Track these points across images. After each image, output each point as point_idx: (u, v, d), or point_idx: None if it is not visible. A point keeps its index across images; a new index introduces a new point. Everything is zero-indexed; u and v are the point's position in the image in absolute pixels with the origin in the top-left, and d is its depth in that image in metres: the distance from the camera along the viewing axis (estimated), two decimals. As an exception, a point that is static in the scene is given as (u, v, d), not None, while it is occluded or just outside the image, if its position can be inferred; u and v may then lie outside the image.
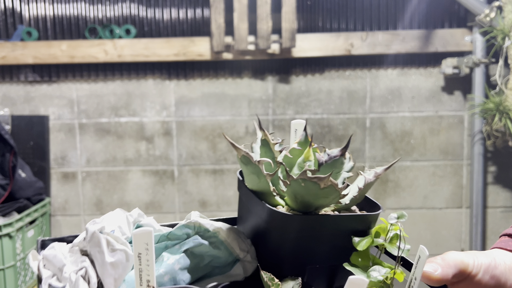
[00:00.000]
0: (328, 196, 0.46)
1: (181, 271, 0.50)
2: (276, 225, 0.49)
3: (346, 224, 0.48)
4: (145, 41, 2.06)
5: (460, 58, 2.06)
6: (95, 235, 0.48)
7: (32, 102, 2.15)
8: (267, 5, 2.01)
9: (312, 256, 0.49)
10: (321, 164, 0.47)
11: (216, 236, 0.53)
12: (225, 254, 0.52)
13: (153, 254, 0.43)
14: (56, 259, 0.49)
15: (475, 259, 0.49)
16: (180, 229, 0.53)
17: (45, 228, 2.08)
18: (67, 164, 2.18)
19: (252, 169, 0.50)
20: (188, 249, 0.51)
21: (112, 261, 0.46)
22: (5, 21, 2.12)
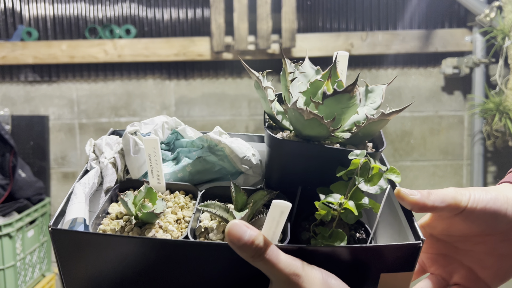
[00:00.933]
0: (313, 127, 0.49)
1: (191, 172, 0.61)
2: (272, 146, 0.54)
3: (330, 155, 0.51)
4: (145, 41, 2.07)
5: (460, 58, 2.06)
6: (126, 136, 0.60)
7: (32, 102, 2.15)
8: (267, 5, 2.01)
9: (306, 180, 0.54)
10: (325, 97, 0.50)
11: (222, 150, 0.61)
12: (229, 166, 0.61)
13: (159, 156, 0.55)
14: (100, 147, 0.62)
15: (472, 195, 0.50)
16: (199, 139, 0.64)
17: (45, 228, 2.08)
18: (67, 164, 2.18)
19: (261, 93, 0.57)
20: (201, 157, 0.61)
21: (135, 156, 0.60)
22: (5, 21, 2.12)
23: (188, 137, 0.67)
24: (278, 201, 0.42)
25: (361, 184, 0.47)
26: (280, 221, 0.43)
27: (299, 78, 0.59)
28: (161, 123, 0.65)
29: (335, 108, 0.50)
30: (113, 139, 0.64)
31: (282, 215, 0.42)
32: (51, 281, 2.08)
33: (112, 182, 0.58)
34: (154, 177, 0.57)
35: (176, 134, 0.68)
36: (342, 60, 0.61)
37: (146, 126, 0.64)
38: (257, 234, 0.42)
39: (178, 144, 0.67)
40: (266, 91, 0.56)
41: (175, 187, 0.59)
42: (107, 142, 0.63)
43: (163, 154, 0.65)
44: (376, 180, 0.47)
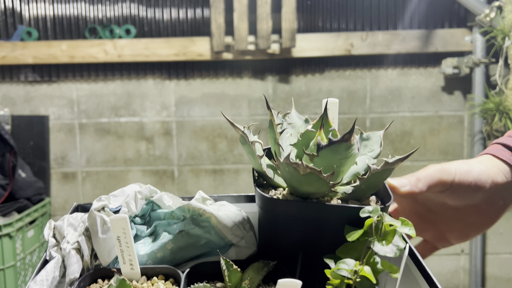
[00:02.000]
0: (311, 183, 0.44)
1: (173, 250, 0.52)
2: (265, 208, 0.49)
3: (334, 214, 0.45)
4: (145, 41, 2.06)
5: (460, 58, 2.06)
6: (92, 214, 0.52)
7: (32, 102, 2.15)
8: (267, 5, 2.01)
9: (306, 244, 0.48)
10: (320, 148, 0.44)
11: (208, 221, 0.53)
12: (216, 239, 0.53)
13: (130, 237, 0.47)
14: (61, 229, 0.54)
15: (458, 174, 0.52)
16: (179, 210, 0.55)
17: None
18: (67, 164, 2.18)
19: (247, 149, 0.50)
20: (184, 230, 0.53)
21: (104, 237, 0.51)
22: (5, 21, 2.12)
23: (166, 207, 0.58)
24: (285, 281, 0.35)
25: (377, 247, 0.41)
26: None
27: (287, 130, 0.53)
28: (133, 193, 0.57)
29: (332, 160, 0.45)
30: (77, 217, 0.56)
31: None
32: (51, 281, 2.07)
33: (76, 272, 0.49)
34: (126, 262, 0.48)
35: (151, 204, 0.59)
36: (332, 107, 0.55)
37: (116, 199, 0.56)
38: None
39: (154, 216, 0.58)
40: (254, 146, 0.49)
41: (152, 271, 0.50)
42: (69, 223, 0.54)
43: (138, 230, 0.56)
44: (390, 238, 0.42)
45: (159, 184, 2.19)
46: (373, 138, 0.53)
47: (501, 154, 0.55)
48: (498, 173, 0.54)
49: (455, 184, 0.53)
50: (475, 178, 0.53)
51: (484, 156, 0.57)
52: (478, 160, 0.56)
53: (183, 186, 2.19)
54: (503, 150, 0.56)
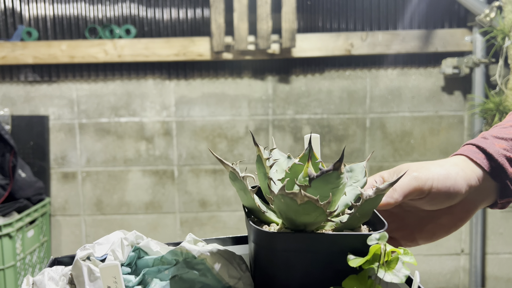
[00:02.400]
0: (309, 212, 0.44)
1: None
2: (262, 244, 0.48)
3: (336, 243, 0.45)
4: (145, 41, 2.07)
5: (460, 58, 2.06)
6: (77, 263, 0.48)
7: (32, 102, 2.15)
8: (267, 5, 2.01)
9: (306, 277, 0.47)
10: (312, 179, 0.44)
11: (204, 263, 0.51)
12: (213, 282, 0.51)
13: (122, 285, 0.43)
14: (41, 284, 0.50)
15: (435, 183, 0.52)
16: (170, 254, 0.53)
17: (45, 228, 2.08)
18: (67, 164, 2.18)
19: (239, 185, 0.49)
20: (177, 275, 0.50)
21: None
22: (5, 21, 2.12)
23: (154, 253, 0.55)
24: None
25: (385, 275, 0.41)
26: None
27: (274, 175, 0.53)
28: (118, 240, 0.54)
29: (324, 190, 0.45)
30: (57, 270, 0.52)
31: None
32: (51, 281, 2.07)
33: None
34: None
35: (138, 251, 0.55)
36: (315, 142, 0.55)
37: (101, 247, 0.53)
38: None
39: (141, 263, 0.55)
40: (246, 181, 0.48)
41: None
42: (50, 276, 0.51)
43: (125, 280, 0.52)
44: (393, 265, 0.42)
45: (159, 184, 2.19)
46: (357, 169, 0.53)
47: (475, 157, 0.55)
48: (473, 176, 0.53)
49: (432, 192, 0.52)
50: (453, 184, 0.52)
51: (459, 157, 0.56)
52: (454, 163, 0.55)
53: (183, 186, 2.19)
54: (477, 152, 0.55)
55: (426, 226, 0.57)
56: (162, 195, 2.20)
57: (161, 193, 2.20)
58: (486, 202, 0.56)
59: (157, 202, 2.20)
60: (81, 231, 2.21)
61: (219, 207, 2.20)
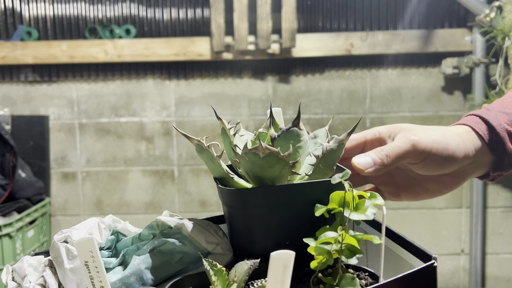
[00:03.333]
0: (272, 165, 0.45)
1: (147, 270, 0.50)
2: (234, 204, 0.49)
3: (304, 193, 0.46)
4: (145, 41, 2.07)
5: (460, 58, 2.06)
6: (54, 244, 0.49)
7: (32, 102, 2.15)
8: (267, 5, 2.01)
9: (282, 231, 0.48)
10: (274, 139, 0.47)
11: (180, 232, 0.52)
12: (191, 249, 0.51)
13: (100, 260, 0.42)
14: (20, 270, 0.50)
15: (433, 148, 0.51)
16: (146, 229, 0.53)
17: (45, 228, 2.08)
18: (67, 164, 2.18)
19: (206, 155, 0.50)
20: (155, 248, 0.51)
21: (71, 267, 0.48)
22: (5, 21, 2.12)
23: (132, 233, 0.56)
24: (277, 253, 0.33)
25: (352, 214, 0.42)
26: (285, 279, 0.34)
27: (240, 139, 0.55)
28: (95, 224, 0.54)
29: (287, 147, 0.47)
30: (37, 259, 0.53)
31: (286, 270, 0.34)
32: (51, 281, 2.07)
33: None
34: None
35: (116, 235, 0.56)
36: (277, 116, 0.58)
37: (78, 232, 0.52)
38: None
39: (121, 245, 0.55)
40: (212, 149, 0.50)
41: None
42: (29, 263, 0.52)
43: (106, 263, 0.53)
44: (361, 208, 0.43)
45: (159, 184, 2.19)
46: (320, 134, 0.55)
47: (478, 127, 0.54)
48: (471, 148, 0.53)
49: (427, 160, 0.51)
50: (450, 154, 0.51)
51: (462, 127, 0.55)
52: (457, 133, 0.54)
53: (183, 186, 2.19)
54: (480, 123, 0.54)
55: (413, 187, 0.58)
56: (162, 195, 2.20)
57: (161, 193, 2.20)
58: (477, 173, 0.56)
59: (157, 202, 2.20)
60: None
61: (219, 207, 2.20)
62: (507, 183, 2.16)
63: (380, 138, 0.56)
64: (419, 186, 0.58)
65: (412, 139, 0.51)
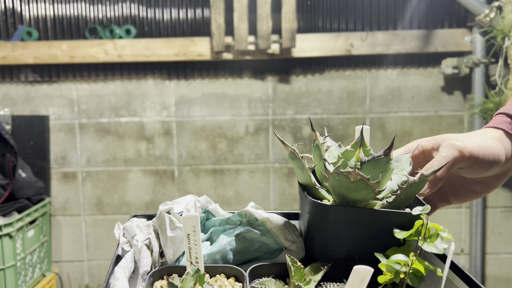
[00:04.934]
0: (359, 190, 0.48)
1: (231, 251, 0.57)
2: (315, 214, 0.53)
3: (382, 219, 0.50)
4: (145, 41, 2.07)
5: (460, 58, 2.06)
6: (161, 214, 0.58)
7: (32, 102, 2.15)
8: (267, 5, 2.01)
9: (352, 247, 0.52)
10: (364, 163, 0.50)
11: (264, 225, 0.58)
12: (271, 242, 0.58)
13: (199, 235, 0.51)
14: (131, 229, 0.60)
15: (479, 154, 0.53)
16: (235, 216, 0.61)
17: (45, 228, 2.08)
18: (67, 164, 2.18)
19: (297, 163, 0.55)
20: (240, 234, 0.58)
21: (172, 235, 0.56)
22: (5, 21, 2.12)
23: (220, 216, 0.65)
24: (359, 267, 0.39)
25: (425, 245, 0.46)
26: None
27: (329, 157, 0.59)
28: (192, 201, 0.63)
29: (373, 173, 0.50)
30: (143, 221, 0.63)
31: (363, 282, 0.39)
32: (51, 281, 2.08)
33: (148, 265, 0.55)
34: (192, 259, 0.52)
35: (207, 213, 0.66)
36: (365, 133, 0.61)
37: (178, 205, 0.62)
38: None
39: (209, 224, 0.64)
40: (304, 160, 0.55)
41: (215, 270, 0.55)
42: (137, 225, 0.61)
43: None
44: (433, 239, 0.46)
45: (159, 184, 2.19)
46: (402, 159, 0.58)
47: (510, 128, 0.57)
48: (509, 149, 0.56)
49: (475, 164, 0.54)
50: (495, 158, 0.54)
51: (497, 131, 0.58)
52: (494, 136, 0.56)
53: (183, 186, 2.19)
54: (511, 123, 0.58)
55: (459, 191, 0.61)
56: (162, 195, 2.20)
57: (161, 193, 2.20)
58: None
59: (158, 202, 2.20)
60: (81, 231, 2.21)
61: (219, 207, 2.20)
62: (507, 183, 2.16)
63: (424, 151, 0.58)
64: (466, 189, 0.60)
65: (457, 145, 0.54)
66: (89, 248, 2.22)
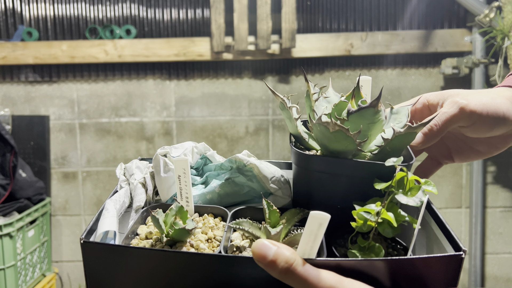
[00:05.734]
0: (339, 140, 0.49)
1: (220, 194, 0.61)
2: (300, 164, 0.55)
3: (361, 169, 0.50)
4: (145, 41, 2.07)
5: (459, 58, 2.07)
6: (156, 157, 0.61)
7: (33, 102, 2.15)
8: (267, 5, 2.02)
9: (335, 198, 0.53)
10: (351, 113, 0.49)
11: (251, 170, 0.62)
12: (258, 187, 0.61)
13: (189, 177, 0.55)
14: (130, 169, 0.64)
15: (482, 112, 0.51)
16: (227, 162, 0.65)
17: (45, 228, 2.08)
18: (67, 164, 2.18)
19: (286, 114, 0.57)
20: (230, 178, 0.62)
21: (165, 176, 0.60)
22: (5, 21, 2.12)
23: (216, 162, 0.68)
24: (316, 213, 0.39)
25: (399, 196, 0.45)
26: (318, 235, 0.40)
27: (322, 103, 0.60)
28: (190, 147, 0.66)
29: (360, 124, 0.50)
30: (144, 163, 0.67)
31: (320, 228, 0.40)
32: (52, 281, 2.08)
33: (141, 201, 0.59)
34: (183, 199, 0.57)
35: (205, 159, 0.69)
36: (365, 84, 0.62)
37: (176, 150, 0.65)
38: (282, 251, 0.39)
39: (206, 169, 0.68)
40: (291, 111, 0.57)
41: (204, 210, 0.59)
42: (137, 166, 0.65)
43: (192, 179, 0.65)
44: (414, 192, 0.45)
45: (159, 184, 2.19)
46: (402, 111, 0.57)
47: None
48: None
49: (478, 123, 0.52)
50: (500, 117, 0.52)
51: (510, 90, 0.56)
52: (505, 96, 0.54)
53: (183, 186, 2.19)
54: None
55: (463, 149, 0.60)
56: (162, 195, 2.20)
57: (161, 193, 2.20)
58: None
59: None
60: (82, 231, 2.21)
61: (219, 207, 2.20)
62: (507, 183, 2.17)
63: (430, 105, 0.57)
64: (470, 148, 0.59)
65: (460, 102, 0.52)
66: (89, 248, 2.22)
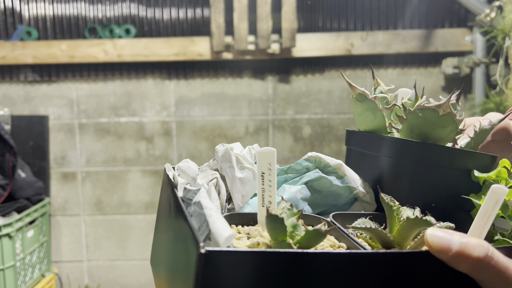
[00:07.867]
0: (446, 125, 0.46)
1: (302, 201, 0.51)
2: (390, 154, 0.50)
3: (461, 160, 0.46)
4: (145, 41, 2.06)
5: (460, 58, 2.06)
6: (227, 152, 0.50)
7: (32, 102, 2.15)
8: (267, 5, 2.01)
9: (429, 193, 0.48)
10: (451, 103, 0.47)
11: (336, 172, 0.52)
12: (345, 191, 0.52)
13: (275, 175, 0.44)
14: (189, 170, 0.51)
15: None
16: (299, 163, 0.54)
17: (45, 228, 2.08)
18: (67, 164, 2.18)
19: (367, 105, 0.52)
20: (309, 182, 0.52)
21: (241, 176, 0.49)
22: (5, 21, 2.12)
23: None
24: (497, 186, 0.34)
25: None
26: (491, 215, 0.35)
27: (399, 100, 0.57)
28: (246, 149, 0.57)
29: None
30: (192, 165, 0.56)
31: (496, 206, 0.35)
32: (51, 281, 2.07)
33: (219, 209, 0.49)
34: (265, 204, 0.44)
35: None
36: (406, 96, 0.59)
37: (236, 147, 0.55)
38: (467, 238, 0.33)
39: None
40: (378, 101, 0.51)
41: None
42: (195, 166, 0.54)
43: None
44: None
45: (159, 184, 2.18)
46: None
47: None
48: None
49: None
50: None
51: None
52: None
53: (183, 186, 2.18)
54: None
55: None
56: (162, 195, 2.19)
57: (161, 193, 2.19)
58: None
59: (157, 202, 2.19)
60: (81, 231, 2.21)
61: (219, 207, 2.20)
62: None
63: None
64: None
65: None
66: (88, 248, 2.22)
